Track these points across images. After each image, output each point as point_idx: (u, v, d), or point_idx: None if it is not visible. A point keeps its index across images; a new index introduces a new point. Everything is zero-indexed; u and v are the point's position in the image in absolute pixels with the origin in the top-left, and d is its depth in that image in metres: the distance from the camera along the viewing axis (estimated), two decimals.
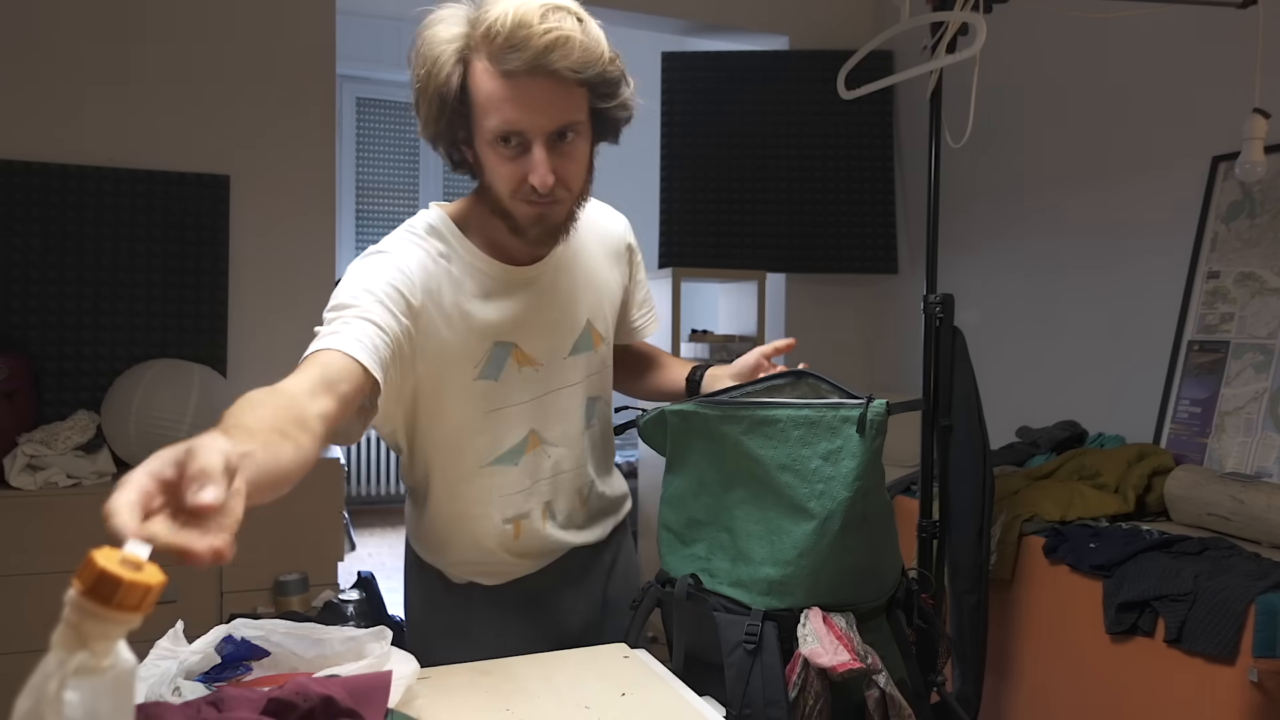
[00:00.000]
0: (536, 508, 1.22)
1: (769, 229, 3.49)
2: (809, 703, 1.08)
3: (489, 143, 1.04)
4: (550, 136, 1.02)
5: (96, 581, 0.47)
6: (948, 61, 1.85)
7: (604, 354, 1.27)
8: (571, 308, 1.20)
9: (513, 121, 1.01)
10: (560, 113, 1.01)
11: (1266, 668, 1.52)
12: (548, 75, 0.98)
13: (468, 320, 1.11)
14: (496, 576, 1.26)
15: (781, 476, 1.13)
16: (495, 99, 1.00)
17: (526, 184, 1.04)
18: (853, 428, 1.09)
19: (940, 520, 1.93)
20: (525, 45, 0.96)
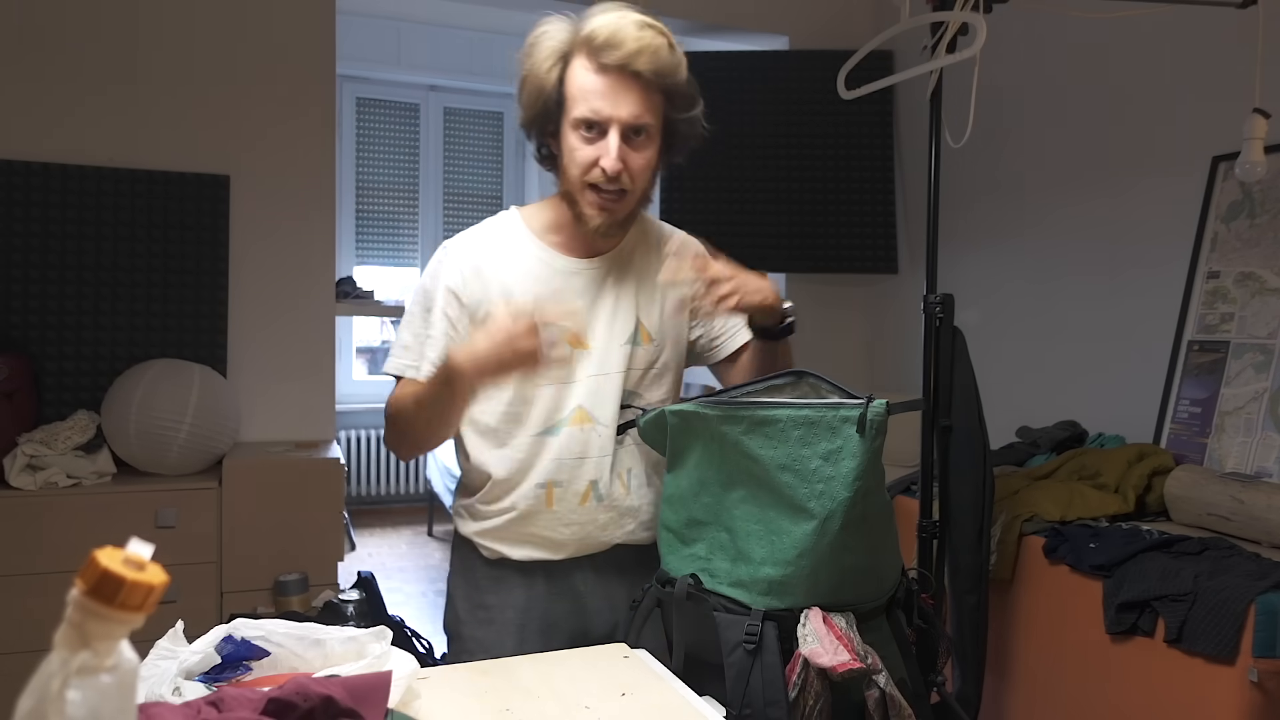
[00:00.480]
0: (577, 482, 1.30)
1: (769, 229, 3.49)
2: (809, 703, 1.08)
3: (572, 127, 1.22)
4: (626, 130, 1.21)
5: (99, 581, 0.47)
6: (948, 61, 1.85)
7: (653, 352, 1.36)
8: (624, 303, 1.33)
9: (598, 110, 1.20)
10: (638, 110, 1.21)
11: (1266, 668, 1.52)
12: (633, 75, 1.19)
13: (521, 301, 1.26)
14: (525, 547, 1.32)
15: (781, 476, 1.13)
16: (586, 89, 1.20)
17: (597, 168, 1.22)
18: (853, 428, 1.09)
19: (940, 520, 1.93)
20: (621, 46, 1.17)
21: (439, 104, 5.78)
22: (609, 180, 1.22)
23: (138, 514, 2.48)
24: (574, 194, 1.25)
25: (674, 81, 1.24)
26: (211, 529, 2.55)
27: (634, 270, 1.35)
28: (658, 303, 1.37)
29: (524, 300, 1.27)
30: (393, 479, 5.63)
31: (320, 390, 3.02)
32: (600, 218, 1.25)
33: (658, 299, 1.37)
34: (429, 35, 5.49)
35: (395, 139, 5.71)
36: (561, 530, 1.32)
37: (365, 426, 5.59)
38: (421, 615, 3.86)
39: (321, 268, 3.02)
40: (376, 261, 5.72)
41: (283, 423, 2.97)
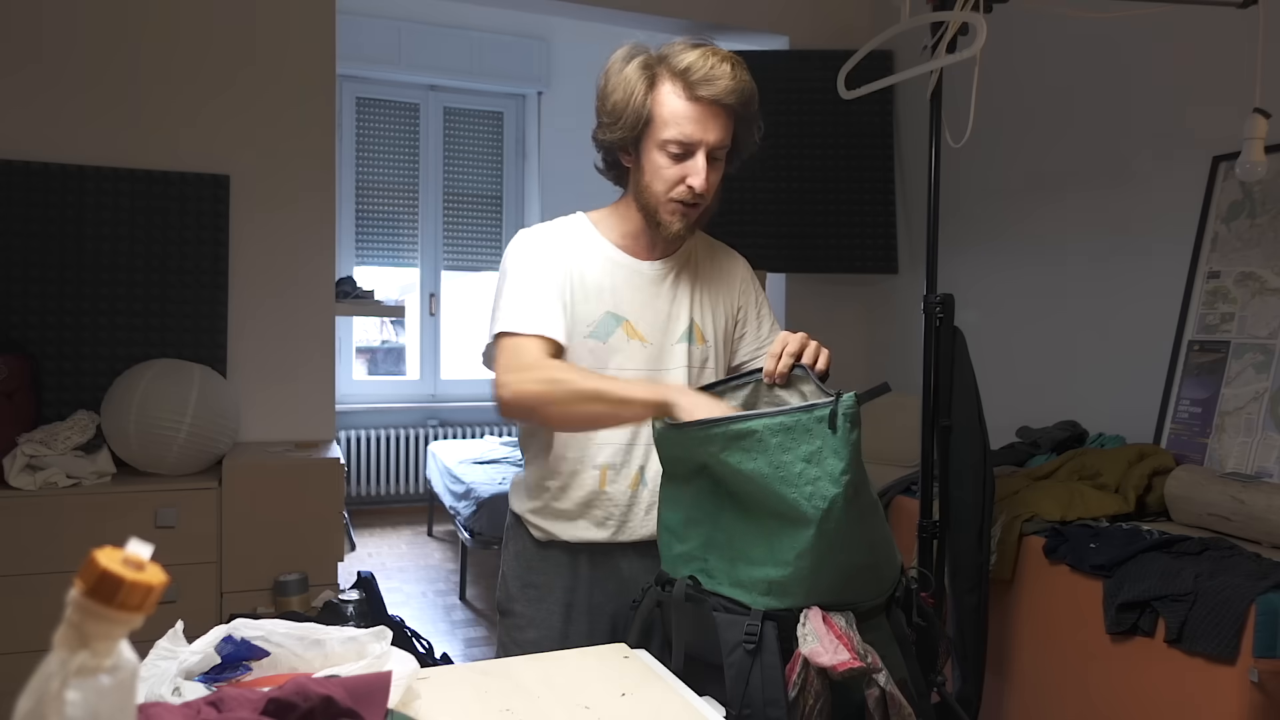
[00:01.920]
0: (629, 466, 1.40)
1: (769, 229, 3.49)
2: (809, 702, 1.08)
3: (659, 148, 1.34)
4: (710, 152, 1.34)
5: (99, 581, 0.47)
6: (948, 61, 1.85)
7: (705, 352, 1.46)
8: (680, 305, 1.44)
9: (689, 134, 1.32)
10: (723, 135, 1.35)
11: (1267, 668, 1.52)
12: (723, 106, 1.33)
13: (587, 289, 1.39)
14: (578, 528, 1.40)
15: (769, 486, 1.13)
16: (679, 115, 1.32)
17: (683, 185, 1.34)
18: (826, 427, 1.09)
19: (940, 520, 1.93)
20: (716, 82, 1.31)
21: (439, 104, 5.78)
22: (694, 196, 1.34)
23: (138, 514, 2.48)
24: (655, 204, 1.36)
25: (751, 111, 1.39)
26: (211, 529, 2.55)
27: (691, 274, 1.46)
28: (711, 307, 1.47)
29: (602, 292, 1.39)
30: (393, 479, 5.63)
31: (320, 390, 3.02)
32: (680, 224, 1.37)
33: (711, 304, 1.47)
34: (429, 35, 5.49)
35: (395, 139, 5.70)
36: (611, 509, 1.40)
37: (365, 426, 5.60)
38: (421, 615, 3.86)
39: (321, 268, 3.02)
40: (376, 261, 5.72)
41: (283, 423, 2.97)
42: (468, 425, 5.82)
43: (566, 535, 1.41)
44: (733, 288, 1.51)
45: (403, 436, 5.65)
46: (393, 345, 6.13)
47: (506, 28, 5.62)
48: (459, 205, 5.88)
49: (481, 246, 5.94)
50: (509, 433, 5.76)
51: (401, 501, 5.71)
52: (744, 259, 1.57)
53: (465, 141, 5.87)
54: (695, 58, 1.31)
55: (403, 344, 6.04)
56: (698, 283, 1.47)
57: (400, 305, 4.18)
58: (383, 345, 6.16)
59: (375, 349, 6.14)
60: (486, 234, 5.95)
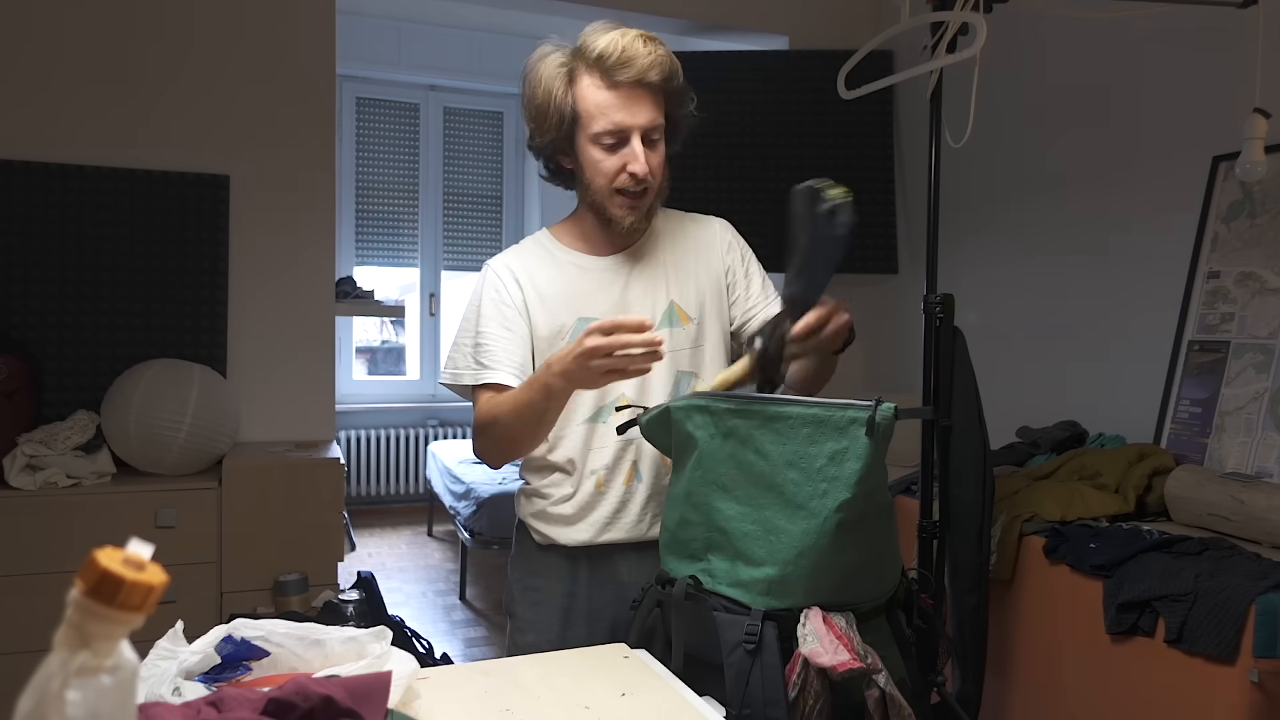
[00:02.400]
0: (623, 465, 1.39)
1: (769, 229, 3.48)
2: (809, 702, 1.08)
3: (593, 142, 1.32)
4: (644, 135, 1.31)
5: (99, 581, 0.47)
6: (948, 61, 1.85)
7: (693, 332, 1.43)
8: (654, 289, 1.41)
9: (618, 122, 1.30)
10: (652, 115, 1.32)
11: (1267, 668, 1.52)
12: (645, 86, 1.30)
13: (557, 300, 1.38)
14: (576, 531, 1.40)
15: (788, 473, 1.13)
16: (604, 105, 1.30)
17: (624, 173, 1.32)
18: (860, 429, 1.10)
19: (940, 520, 1.93)
20: (632, 64, 1.28)
21: (439, 104, 5.78)
22: (638, 182, 1.32)
23: (138, 514, 2.48)
24: (601, 201, 1.35)
25: (676, 84, 1.35)
26: (211, 529, 2.55)
27: (661, 256, 1.44)
28: (693, 282, 1.44)
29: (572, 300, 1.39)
30: (393, 479, 5.64)
31: (320, 390, 3.02)
32: (631, 216, 1.36)
33: (691, 279, 1.44)
34: (429, 35, 5.49)
35: (395, 139, 5.71)
36: (605, 509, 1.40)
37: (365, 426, 5.60)
38: (421, 615, 3.86)
39: (321, 268, 3.02)
40: (376, 261, 5.72)
41: (283, 423, 2.97)
42: (468, 425, 5.82)
43: (564, 539, 1.40)
44: (713, 253, 1.48)
45: (403, 436, 5.65)
46: (393, 345, 6.13)
47: (506, 28, 5.62)
48: (459, 205, 5.88)
49: (481, 246, 5.94)
50: None
51: (401, 501, 5.71)
52: (722, 220, 1.54)
53: (465, 141, 5.87)
54: (606, 44, 1.29)
55: (403, 344, 6.04)
56: (670, 261, 1.44)
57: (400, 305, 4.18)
58: (383, 345, 6.16)
59: (375, 349, 6.14)
60: (486, 234, 5.95)
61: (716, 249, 1.49)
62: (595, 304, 1.38)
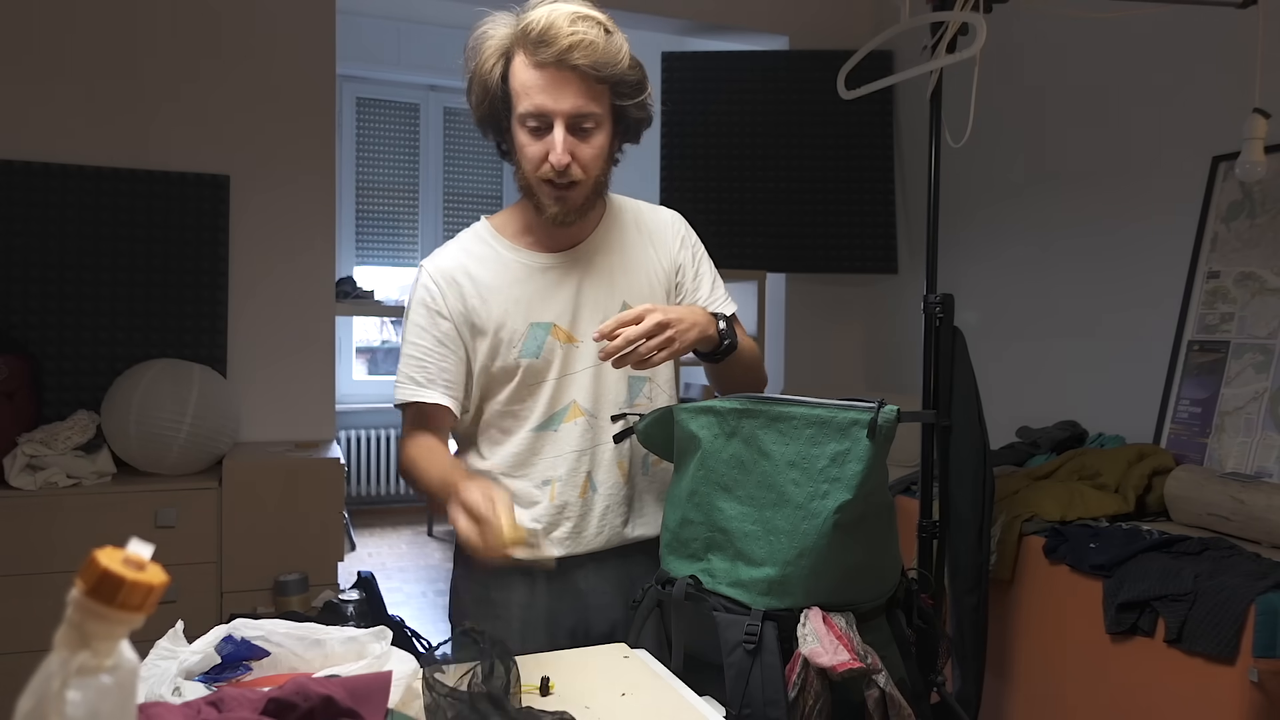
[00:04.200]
0: (575, 475, 1.32)
1: (769, 229, 3.49)
2: (809, 703, 1.09)
3: (519, 123, 1.23)
4: (570, 122, 1.20)
5: (99, 581, 0.47)
6: (948, 61, 1.85)
7: None
8: (607, 289, 1.34)
9: (539, 105, 1.20)
10: (579, 102, 1.20)
11: (1266, 668, 1.52)
12: (570, 69, 1.18)
13: (504, 306, 1.29)
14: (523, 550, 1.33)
15: (789, 474, 1.14)
16: (528, 85, 1.20)
17: (547, 163, 1.22)
18: (862, 430, 1.10)
19: (940, 520, 1.93)
20: (554, 42, 1.16)
21: (439, 104, 5.78)
22: (559, 174, 1.22)
23: (138, 514, 2.48)
24: (531, 188, 1.27)
25: (615, 71, 1.20)
26: (211, 529, 2.55)
27: (613, 255, 1.35)
28: (646, 280, 1.37)
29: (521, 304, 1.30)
30: (393, 479, 5.63)
31: (320, 390, 3.02)
32: (556, 207, 1.26)
33: (643, 278, 1.36)
34: (429, 35, 5.49)
35: (395, 139, 5.71)
36: (564, 525, 1.33)
37: (365, 426, 5.59)
38: (421, 615, 3.86)
39: (321, 268, 3.02)
40: (376, 261, 5.72)
41: (283, 423, 2.97)
42: None
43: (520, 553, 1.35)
44: (664, 249, 1.40)
45: None
46: (393, 345, 6.13)
47: None
48: (459, 205, 5.88)
49: None
50: None
51: (401, 501, 5.71)
52: (674, 212, 1.45)
53: (465, 141, 5.87)
54: (534, 17, 1.18)
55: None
56: (621, 259, 1.35)
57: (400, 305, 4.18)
58: (383, 345, 6.16)
59: (375, 349, 6.14)
60: None
61: (668, 245, 1.41)
62: (548, 307, 1.30)
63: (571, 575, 1.35)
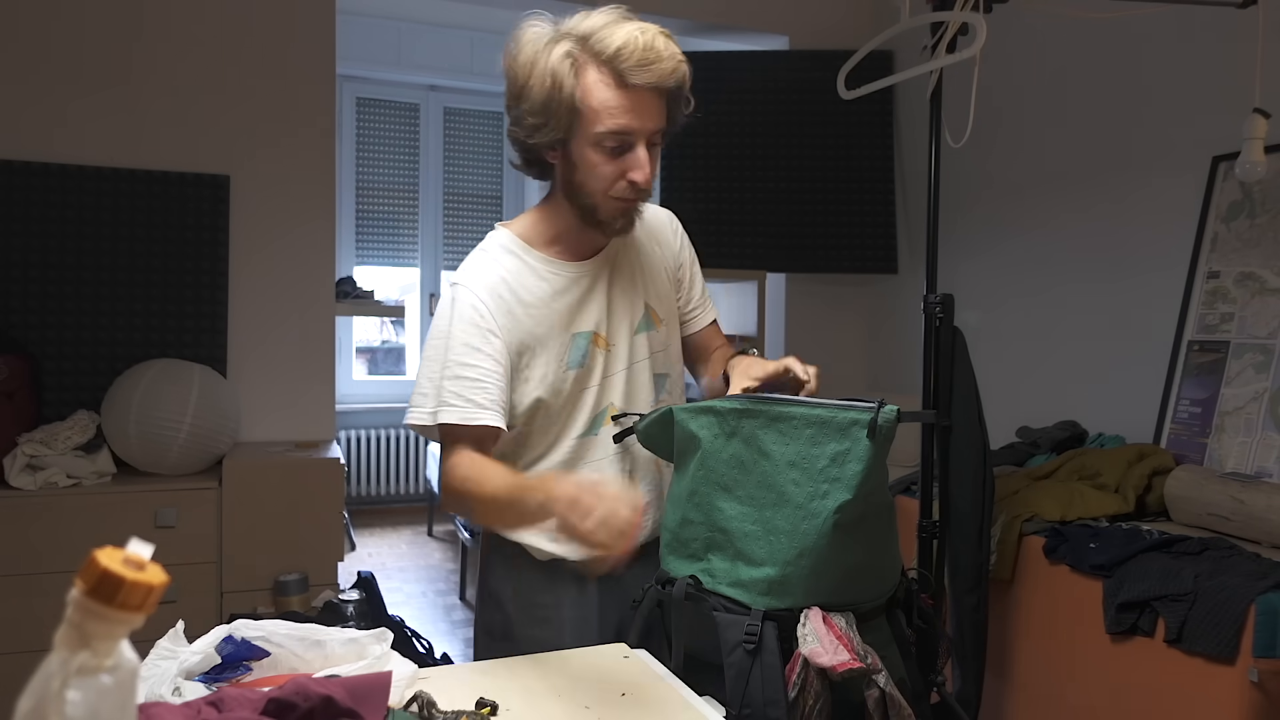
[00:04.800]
0: (619, 475, 1.34)
1: (769, 229, 3.49)
2: (809, 702, 1.09)
3: (593, 144, 1.20)
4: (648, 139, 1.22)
5: (99, 581, 0.47)
6: (948, 61, 1.85)
7: (665, 334, 1.40)
8: (631, 292, 1.36)
9: (625, 125, 1.19)
10: (661, 120, 1.23)
11: (1266, 668, 1.52)
12: (659, 91, 1.20)
13: (550, 320, 1.29)
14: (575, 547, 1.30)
15: (789, 473, 1.14)
16: (612, 106, 1.18)
17: (623, 181, 1.22)
18: (862, 430, 1.10)
19: (940, 520, 1.93)
20: (652, 66, 1.17)
21: (439, 104, 5.78)
22: (638, 191, 1.23)
23: (138, 514, 2.48)
24: (593, 204, 1.25)
25: (686, 90, 1.26)
26: (211, 529, 2.55)
27: (632, 257, 1.38)
28: (659, 282, 1.40)
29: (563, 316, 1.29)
30: (393, 479, 5.63)
31: (320, 390, 3.02)
32: (623, 221, 1.27)
33: (658, 278, 1.40)
34: (429, 35, 5.49)
35: (395, 139, 5.70)
36: None
37: (365, 426, 5.59)
38: (421, 615, 3.86)
39: (321, 268, 3.02)
40: (376, 261, 5.72)
41: (283, 423, 2.97)
42: None
43: (571, 554, 1.31)
44: (668, 249, 1.42)
45: (403, 436, 5.65)
46: (393, 345, 6.13)
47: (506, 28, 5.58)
48: (459, 205, 5.88)
49: None
50: None
51: (401, 501, 5.71)
52: (669, 211, 1.47)
53: (465, 141, 5.87)
54: (624, 39, 1.17)
55: (403, 344, 6.04)
56: (640, 261, 1.38)
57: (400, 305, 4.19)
58: (383, 345, 6.16)
59: (375, 349, 6.14)
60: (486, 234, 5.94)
61: (671, 243, 1.43)
62: (586, 316, 1.31)
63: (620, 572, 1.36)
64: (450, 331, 1.25)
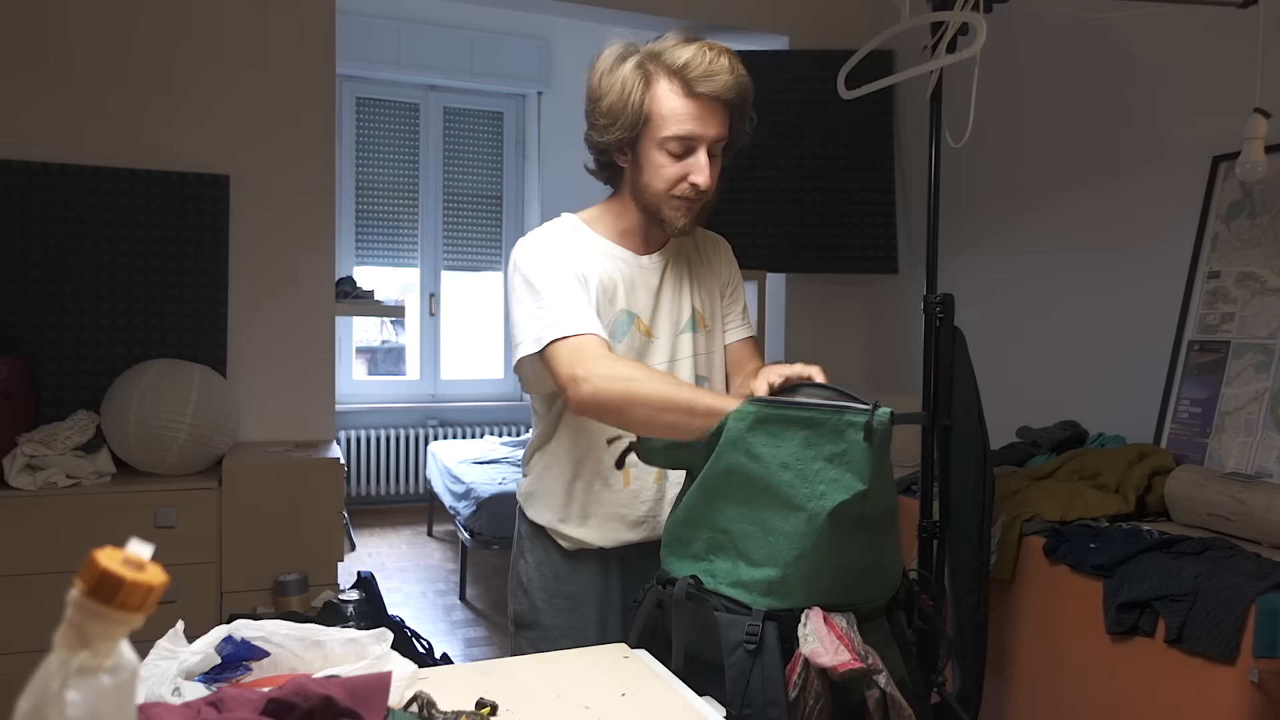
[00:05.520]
0: None
1: (769, 229, 3.49)
2: (809, 703, 1.08)
3: (659, 146, 1.33)
4: (710, 146, 1.34)
5: (99, 581, 0.47)
6: (948, 61, 1.85)
7: (708, 339, 1.48)
8: (681, 294, 1.45)
9: (690, 130, 1.31)
10: (722, 130, 1.35)
11: (1267, 668, 1.52)
12: (723, 101, 1.32)
13: (602, 289, 1.37)
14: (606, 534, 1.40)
15: (782, 475, 1.13)
16: (678, 113, 1.31)
17: (685, 183, 1.33)
18: (857, 433, 1.09)
19: (940, 520, 1.93)
20: (715, 78, 1.30)
21: (439, 104, 5.78)
22: (699, 193, 1.34)
23: (138, 514, 2.48)
24: (657, 203, 1.36)
25: (748, 104, 1.38)
26: (211, 529, 2.55)
27: (686, 262, 1.47)
28: (708, 293, 1.50)
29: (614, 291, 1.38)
30: (393, 479, 5.63)
31: (320, 390, 3.02)
32: (684, 219, 1.37)
33: (707, 288, 1.49)
34: (429, 35, 5.49)
35: (395, 139, 5.70)
36: (638, 508, 1.41)
37: (365, 426, 5.59)
38: (421, 615, 3.86)
39: (321, 268, 3.02)
40: (376, 261, 5.72)
41: (283, 423, 2.97)
42: (468, 425, 5.82)
43: (601, 541, 1.41)
44: (721, 268, 1.54)
45: (403, 436, 5.65)
46: (393, 345, 6.13)
47: (506, 28, 5.62)
48: (459, 205, 5.88)
49: (481, 246, 5.94)
50: (509, 433, 5.76)
51: (401, 501, 5.71)
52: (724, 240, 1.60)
53: (465, 141, 5.87)
54: (692, 54, 1.31)
55: (403, 344, 6.04)
56: (693, 270, 1.48)
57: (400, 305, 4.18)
58: (383, 345, 6.16)
59: (375, 349, 6.14)
60: (486, 234, 5.95)
61: (725, 265, 1.55)
62: (635, 299, 1.40)
63: (644, 563, 1.41)
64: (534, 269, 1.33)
